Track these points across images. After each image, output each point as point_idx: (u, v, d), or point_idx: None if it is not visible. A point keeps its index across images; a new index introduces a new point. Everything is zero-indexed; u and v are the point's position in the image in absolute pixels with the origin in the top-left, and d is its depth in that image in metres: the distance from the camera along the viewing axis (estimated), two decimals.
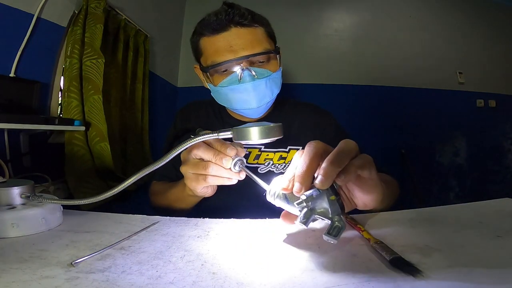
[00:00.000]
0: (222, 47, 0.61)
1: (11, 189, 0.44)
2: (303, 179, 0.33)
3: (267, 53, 0.62)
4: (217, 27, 0.61)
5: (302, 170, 0.34)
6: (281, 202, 0.37)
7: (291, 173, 0.36)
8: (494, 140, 2.38)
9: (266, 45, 0.63)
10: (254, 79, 0.60)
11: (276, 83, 0.65)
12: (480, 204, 0.51)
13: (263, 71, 0.62)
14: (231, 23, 0.61)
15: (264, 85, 0.62)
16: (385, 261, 0.31)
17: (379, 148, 2.25)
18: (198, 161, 0.46)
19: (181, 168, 0.48)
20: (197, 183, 0.47)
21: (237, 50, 0.60)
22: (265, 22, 0.66)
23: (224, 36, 0.61)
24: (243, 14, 0.61)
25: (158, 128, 1.84)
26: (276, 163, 0.70)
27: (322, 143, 0.37)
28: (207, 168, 0.44)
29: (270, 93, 0.64)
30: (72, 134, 1.08)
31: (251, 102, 0.62)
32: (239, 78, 0.60)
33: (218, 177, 0.45)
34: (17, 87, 0.93)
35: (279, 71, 0.65)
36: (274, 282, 0.28)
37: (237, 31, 0.61)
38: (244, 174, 0.44)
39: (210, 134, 0.40)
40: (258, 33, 0.63)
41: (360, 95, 2.28)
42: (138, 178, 0.39)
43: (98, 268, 0.31)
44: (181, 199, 0.58)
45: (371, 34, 2.31)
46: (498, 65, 2.36)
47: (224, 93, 0.64)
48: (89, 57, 1.13)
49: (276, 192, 0.37)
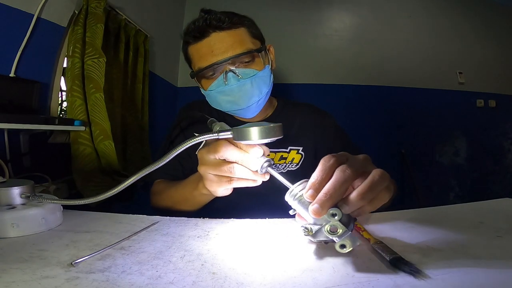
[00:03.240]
0: (205, 52, 0.63)
1: (11, 189, 0.44)
2: (324, 204, 0.32)
3: (248, 53, 0.63)
4: (198, 34, 0.63)
5: (327, 196, 0.32)
6: (298, 205, 0.35)
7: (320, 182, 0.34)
8: (494, 140, 2.38)
9: (249, 45, 0.64)
10: (239, 80, 0.61)
11: (264, 81, 0.65)
12: (480, 204, 0.51)
13: (248, 70, 0.63)
14: (210, 28, 0.62)
15: (249, 85, 0.62)
16: (385, 261, 0.31)
17: (379, 148, 2.26)
18: (221, 162, 0.42)
19: (200, 168, 0.45)
20: (219, 185, 0.44)
21: (218, 53, 0.62)
22: (247, 22, 0.67)
23: (206, 42, 0.63)
24: (219, 18, 0.62)
25: (158, 128, 1.84)
26: (276, 163, 0.70)
27: (353, 167, 0.34)
28: (232, 170, 0.41)
29: (258, 92, 0.64)
30: (78, 133, 1.08)
31: (239, 102, 0.63)
32: (225, 81, 0.62)
33: (243, 180, 0.42)
34: (17, 87, 0.93)
35: (265, 69, 0.65)
36: (274, 282, 0.28)
37: (217, 35, 0.62)
38: (268, 175, 0.41)
39: (210, 134, 0.40)
40: (239, 34, 0.64)
41: (360, 95, 2.28)
42: (138, 178, 0.39)
43: (98, 268, 0.31)
44: (190, 198, 0.57)
45: (370, 34, 2.31)
46: (498, 65, 2.36)
47: (213, 96, 0.65)
48: (90, 56, 1.13)
49: (297, 195, 0.35)
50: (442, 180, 2.36)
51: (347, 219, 0.32)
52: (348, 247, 0.30)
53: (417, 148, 2.31)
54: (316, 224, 0.33)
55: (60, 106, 1.24)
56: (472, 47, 2.36)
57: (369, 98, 2.28)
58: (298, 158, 0.71)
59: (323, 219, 0.32)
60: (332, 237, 0.31)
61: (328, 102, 1.78)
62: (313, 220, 0.33)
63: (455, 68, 2.34)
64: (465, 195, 2.34)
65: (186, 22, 2.63)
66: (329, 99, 2.19)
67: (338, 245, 0.30)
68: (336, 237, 0.31)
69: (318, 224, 0.33)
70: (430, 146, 2.34)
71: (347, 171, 0.33)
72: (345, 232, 0.30)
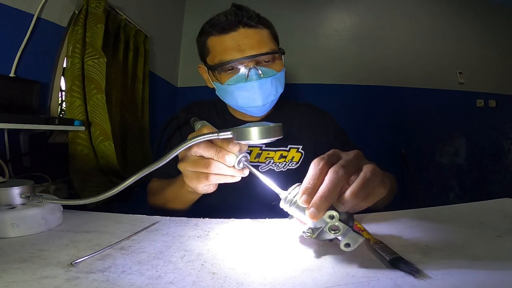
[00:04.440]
0: (231, 46, 0.63)
1: (11, 189, 0.44)
2: (320, 207, 0.31)
3: (273, 53, 0.64)
4: (226, 27, 0.63)
5: (322, 199, 0.32)
6: (295, 210, 0.35)
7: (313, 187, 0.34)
8: (494, 140, 2.38)
9: (272, 46, 0.66)
10: (260, 78, 0.62)
11: (281, 82, 0.67)
12: (480, 204, 0.51)
13: (269, 70, 0.64)
14: (240, 24, 0.63)
15: (269, 84, 0.64)
16: (385, 261, 0.31)
17: (379, 148, 2.26)
18: (198, 159, 0.43)
19: (179, 166, 0.46)
20: (198, 181, 0.45)
21: (245, 49, 0.62)
22: (269, 24, 0.69)
23: (232, 36, 0.63)
24: (251, 15, 0.64)
25: (158, 128, 1.84)
26: (276, 162, 0.71)
27: (346, 166, 0.34)
28: (209, 166, 0.42)
29: (275, 91, 0.66)
30: (76, 134, 1.08)
31: (257, 99, 0.64)
32: (246, 77, 0.62)
33: (220, 175, 0.43)
34: (17, 87, 0.93)
35: (283, 71, 0.67)
36: (274, 282, 0.28)
37: (245, 31, 0.63)
38: (247, 170, 0.42)
39: (210, 134, 0.40)
40: (264, 34, 0.66)
41: (360, 95, 2.28)
42: (138, 178, 0.39)
43: (98, 268, 0.31)
44: (179, 196, 0.57)
45: (371, 34, 2.31)
46: (498, 65, 2.35)
47: (230, 91, 0.66)
48: (90, 56, 1.13)
49: (292, 200, 0.35)
50: (442, 180, 2.36)
51: (345, 217, 0.32)
52: (353, 244, 0.30)
53: (417, 148, 2.30)
54: (317, 227, 0.33)
55: (60, 106, 1.24)
56: (472, 47, 2.35)
57: (369, 98, 2.28)
58: (298, 157, 0.72)
59: (322, 220, 0.32)
60: (335, 235, 0.31)
61: (328, 102, 1.78)
62: (313, 223, 0.33)
63: (455, 68, 2.34)
64: (465, 195, 2.34)
65: (186, 22, 2.60)
66: (329, 99, 2.19)
67: (343, 244, 0.31)
68: (339, 235, 0.31)
69: (318, 226, 0.33)
70: (430, 146, 2.34)
71: (339, 171, 0.33)
72: (347, 229, 0.31)
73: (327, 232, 0.32)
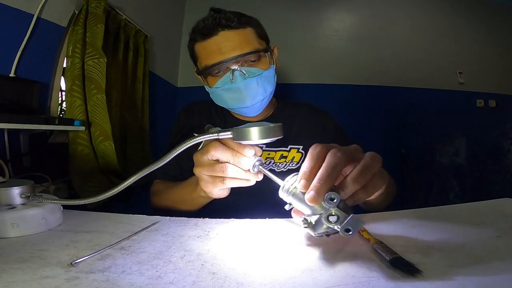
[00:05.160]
0: (213, 50, 0.64)
1: (11, 189, 0.44)
2: (319, 190, 0.31)
3: (255, 53, 0.64)
4: (206, 32, 0.64)
5: (321, 181, 0.32)
6: (294, 199, 0.35)
7: (310, 171, 0.34)
8: (494, 140, 2.38)
9: (256, 45, 0.66)
10: (246, 78, 0.63)
11: (269, 80, 0.67)
12: (480, 204, 0.51)
13: (254, 70, 0.64)
14: (219, 27, 0.63)
15: (255, 84, 0.64)
16: (385, 261, 0.31)
17: (379, 148, 2.23)
18: (214, 163, 0.43)
19: (195, 170, 0.46)
20: (214, 185, 0.44)
21: (226, 52, 0.63)
22: (254, 23, 0.68)
23: (214, 40, 0.64)
24: (229, 17, 0.64)
25: (158, 128, 1.84)
26: (277, 162, 0.71)
27: (344, 152, 0.34)
28: (225, 170, 0.42)
29: (263, 91, 0.66)
30: (76, 134, 1.08)
31: (245, 100, 0.65)
32: (231, 78, 0.63)
33: (236, 179, 0.43)
34: (17, 87, 0.93)
35: (270, 69, 0.67)
36: (274, 282, 0.28)
37: (225, 34, 0.64)
38: (262, 175, 0.42)
39: (209, 134, 0.40)
40: (246, 34, 0.65)
41: (360, 95, 2.28)
42: (138, 178, 0.39)
43: (98, 268, 0.31)
44: (188, 200, 0.57)
45: (371, 34, 2.31)
46: (498, 65, 2.35)
47: (219, 94, 0.66)
48: (91, 56, 1.13)
49: (290, 189, 0.35)
50: (442, 180, 2.36)
51: (344, 206, 0.32)
52: (354, 229, 0.29)
53: (417, 148, 2.30)
54: (315, 214, 0.32)
55: (60, 106, 1.24)
56: (472, 47, 2.35)
57: (369, 98, 2.28)
58: (298, 157, 0.72)
59: (321, 207, 0.32)
60: (332, 226, 0.30)
61: (328, 102, 1.77)
62: (311, 211, 0.33)
63: (455, 68, 2.34)
64: (465, 195, 2.34)
65: (186, 22, 2.61)
66: (329, 99, 2.19)
67: (343, 229, 0.30)
68: (337, 225, 0.30)
69: (316, 214, 0.32)
70: (430, 146, 2.34)
71: (338, 154, 0.33)
72: (345, 218, 0.30)
73: (325, 221, 0.30)
